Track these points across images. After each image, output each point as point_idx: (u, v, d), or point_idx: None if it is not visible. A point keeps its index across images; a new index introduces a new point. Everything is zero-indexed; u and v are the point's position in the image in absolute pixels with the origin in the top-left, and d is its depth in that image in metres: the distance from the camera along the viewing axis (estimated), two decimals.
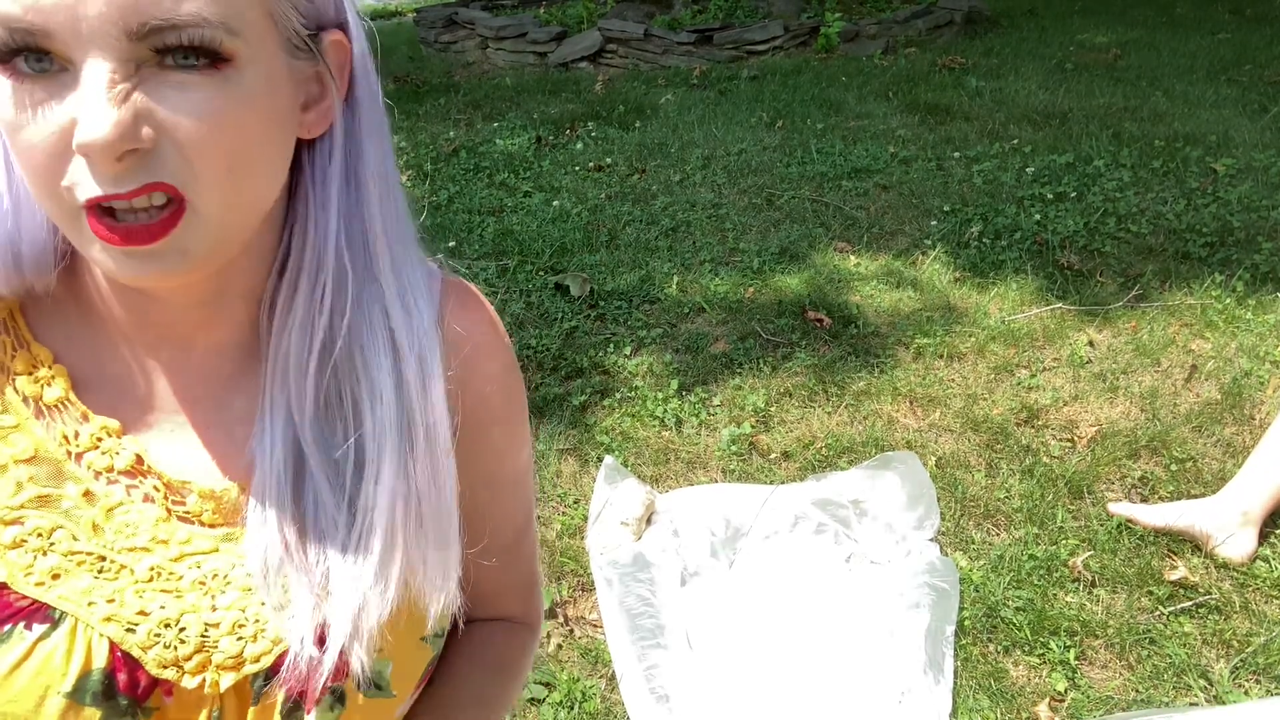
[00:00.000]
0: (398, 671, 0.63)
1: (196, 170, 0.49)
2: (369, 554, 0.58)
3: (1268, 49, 6.07)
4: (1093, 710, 1.84)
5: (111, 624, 0.56)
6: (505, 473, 0.73)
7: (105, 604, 0.57)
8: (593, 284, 3.45)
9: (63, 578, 0.56)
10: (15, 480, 0.56)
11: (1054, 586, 2.11)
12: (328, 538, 0.58)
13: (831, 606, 2.04)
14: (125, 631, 0.57)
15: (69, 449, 0.58)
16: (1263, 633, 1.95)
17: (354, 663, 0.58)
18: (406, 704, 0.66)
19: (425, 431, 0.60)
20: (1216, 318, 3.03)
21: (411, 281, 0.61)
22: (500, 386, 0.70)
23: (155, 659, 0.57)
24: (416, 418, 0.60)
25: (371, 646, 0.58)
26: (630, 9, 7.34)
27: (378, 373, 0.59)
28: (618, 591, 2.05)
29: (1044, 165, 4.31)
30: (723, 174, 4.49)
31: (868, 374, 2.89)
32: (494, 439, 0.70)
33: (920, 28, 6.90)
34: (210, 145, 0.48)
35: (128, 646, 0.56)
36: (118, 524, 0.58)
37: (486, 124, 5.55)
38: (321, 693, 0.59)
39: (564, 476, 2.52)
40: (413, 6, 11.43)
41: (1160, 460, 2.47)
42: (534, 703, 1.89)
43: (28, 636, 0.54)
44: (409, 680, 0.65)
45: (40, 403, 0.58)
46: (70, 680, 0.54)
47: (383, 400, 0.59)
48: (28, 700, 0.54)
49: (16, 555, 0.56)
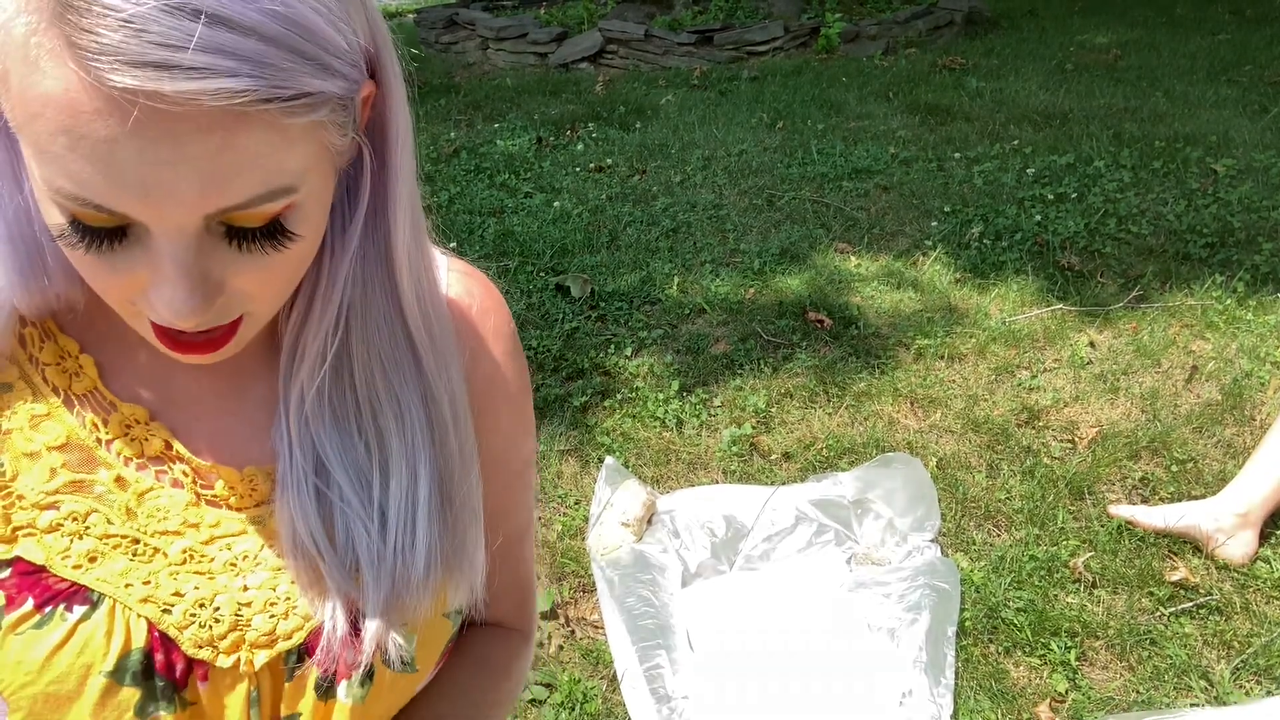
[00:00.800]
0: (422, 646, 0.65)
1: (258, 300, 0.52)
2: (396, 538, 0.60)
3: (1268, 49, 6.07)
4: (1093, 711, 1.84)
5: (148, 605, 0.58)
6: (512, 458, 0.74)
7: (141, 586, 0.58)
8: (593, 285, 3.45)
9: (99, 561, 0.57)
10: (49, 466, 0.58)
11: (1055, 587, 2.11)
12: (353, 524, 0.60)
13: (832, 608, 2.05)
14: (162, 612, 0.58)
15: (99, 436, 0.59)
16: (1263, 633, 1.96)
17: (390, 646, 0.60)
18: (428, 678, 0.68)
19: (451, 414, 0.63)
20: (1217, 318, 3.03)
21: (427, 275, 0.62)
22: (508, 370, 0.71)
23: (191, 639, 0.58)
24: (443, 404, 0.62)
25: (403, 627, 0.61)
26: (631, 10, 7.34)
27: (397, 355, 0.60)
28: (619, 592, 2.05)
29: (1044, 166, 4.31)
30: (723, 175, 4.49)
31: (868, 375, 2.89)
32: (502, 421, 0.72)
33: (920, 28, 6.90)
34: (272, 284, 0.52)
35: (164, 627, 0.58)
36: (149, 508, 0.60)
37: (487, 125, 5.55)
38: (353, 668, 0.61)
39: (565, 477, 2.52)
40: (413, 7, 11.44)
41: (1161, 461, 2.47)
42: (535, 704, 1.89)
43: (69, 618, 0.55)
44: (432, 654, 0.67)
45: (69, 391, 0.59)
46: (112, 660, 0.56)
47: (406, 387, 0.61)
48: (71, 680, 0.55)
49: (53, 539, 0.57)
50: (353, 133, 0.51)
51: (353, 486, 0.61)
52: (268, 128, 0.45)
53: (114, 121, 0.42)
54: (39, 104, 0.43)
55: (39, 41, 0.42)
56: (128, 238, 0.48)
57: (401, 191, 0.56)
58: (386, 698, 0.64)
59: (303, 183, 0.49)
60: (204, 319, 0.50)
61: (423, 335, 0.61)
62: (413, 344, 0.61)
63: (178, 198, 0.45)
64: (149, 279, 0.49)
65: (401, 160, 0.56)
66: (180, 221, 0.46)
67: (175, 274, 0.48)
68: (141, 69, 0.41)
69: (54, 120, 0.43)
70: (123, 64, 0.41)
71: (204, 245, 0.48)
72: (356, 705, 0.62)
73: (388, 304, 0.59)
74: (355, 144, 0.53)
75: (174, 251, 0.47)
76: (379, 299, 0.59)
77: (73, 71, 0.42)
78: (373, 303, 0.59)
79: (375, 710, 0.64)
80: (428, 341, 0.61)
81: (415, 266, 0.59)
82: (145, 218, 0.46)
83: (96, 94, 0.42)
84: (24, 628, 0.55)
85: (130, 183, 0.44)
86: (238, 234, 0.48)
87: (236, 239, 0.49)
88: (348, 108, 0.49)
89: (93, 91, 0.42)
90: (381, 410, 0.61)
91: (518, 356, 0.73)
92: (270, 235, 0.49)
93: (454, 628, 0.68)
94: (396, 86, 0.54)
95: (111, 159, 0.43)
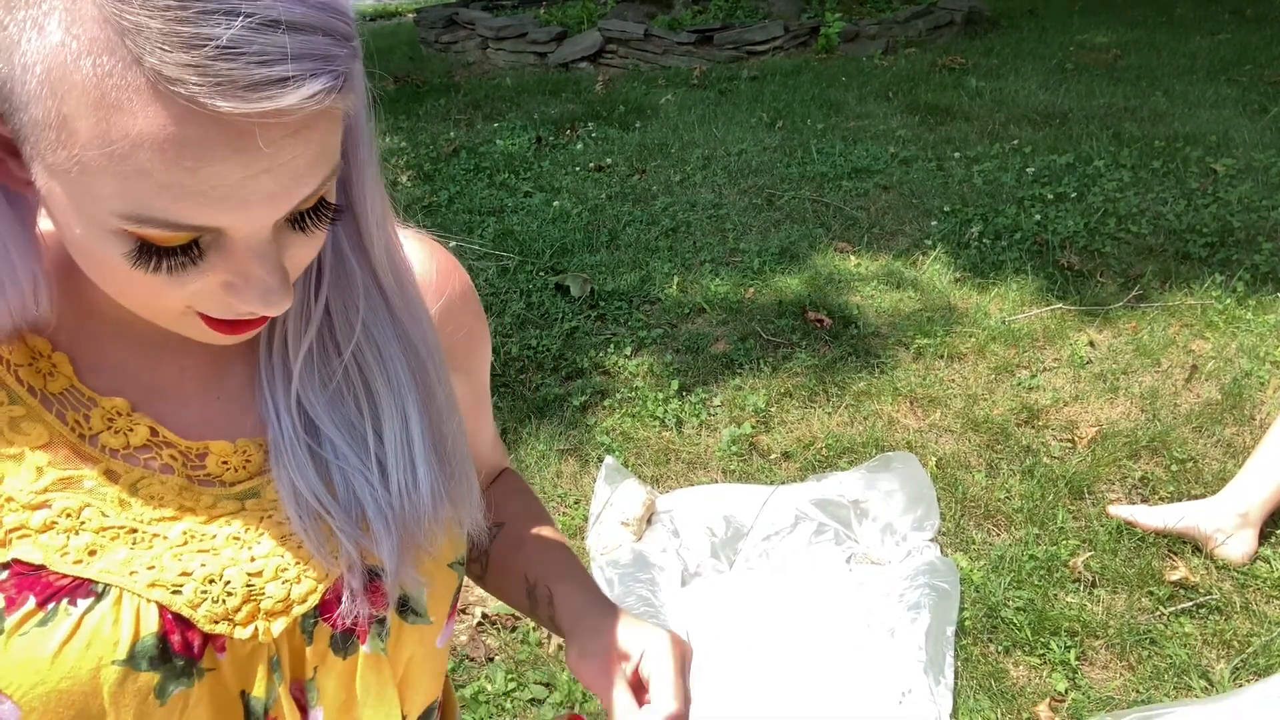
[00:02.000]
0: (432, 596, 0.66)
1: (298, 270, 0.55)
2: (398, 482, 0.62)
3: (1268, 49, 6.07)
4: (1093, 710, 1.84)
5: (157, 589, 0.57)
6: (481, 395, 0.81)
7: (147, 571, 0.58)
8: (593, 284, 3.45)
9: (99, 553, 0.57)
10: (34, 466, 0.57)
11: (1054, 587, 2.11)
12: (352, 477, 0.62)
13: (832, 607, 2.05)
14: (171, 594, 0.58)
15: (82, 432, 0.59)
16: (1263, 633, 1.96)
17: (411, 585, 0.63)
18: (443, 633, 0.69)
19: (429, 357, 0.65)
20: (1217, 318, 3.03)
21: (391, 229, 0.63)
22: (472, 323, 0.75)
23: (205, 615, 0.58)
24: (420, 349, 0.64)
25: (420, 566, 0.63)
26: (630, 9, 7.34)
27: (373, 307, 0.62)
28: (618, 592, 2.05)
29: (1044, 165, 4.31)
30: (723, 174, 4.49)
31: (868, 374, 2.89)
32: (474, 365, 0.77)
33: (920, 28, 6.90)
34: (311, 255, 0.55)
35: (177, 608, 0.58)
36: (143, 496, 0.59)
37: (487, 124, 5.55)
38: (369, 622, 0.62)
39: (564, 477, 2.52)
40: (413, 6, 11.43)
41: (1160, 460, 2.47)
42: (535, 703, 1.89)
43: (73, 612, 0.55)
44: (443, 605, 0.68)
45: (45, 391, 0.59)
46: (123, 649, 0.55)
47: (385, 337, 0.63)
48: (81, 674, 0.54)
49: (49, 537, 0.56)
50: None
51: (346, 441, 0.62)
52: (330, 116, 0.48)
53: (220, 146, 0.44)
54: (127, 144, 0.43)
55: (119, 84, 0.42)
56: (200, 248, 0.49)
57: (366, 145, 0.58)
58: (404, 650, 0.65)
59: (339, 156, 0.51)
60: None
61: (393, 286, 0.63)
62: (385, 296, 0.63)
63: (269, 201, 0.47)
64: (228, 281, 0.51)
65: (366, 114, 0.58)
66: (266, 222, 0.48)
67: (265, 271, 0.50)
68: (248, 91, 0.42)
69: (148, 158, 0.43)
70: (230, 89, 0.42)
71: (278, 236, 0.51)
72: (381, 657, 0.63)
73: (359, 259, 0.61)
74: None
75: (260, 249, 0.50)
76: (350, 255, 0.61)
77: (172, 106, 0.42)
78: (345, 258, 0.61)
79: (398, 662, 0.65)
80: (398, 290, 0.63)
81: (381, 221, 0.61)
82: (234, 226, 0.48)
83: (202, 122, 0.43)
84: (27, 627, 0.54)
85: (228, 196, 0.46)
86: (299, 219, 0.51)
87: (298, 223, 0.52)
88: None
89: (199, 121, 0.43)
90: (366, 363, 0.62)
91: (478, 307, 0.76)
92: (319, 213, 0.52)
93: (459, 579, 0.70)
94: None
95: (217, 180, 0.45)
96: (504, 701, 1.89)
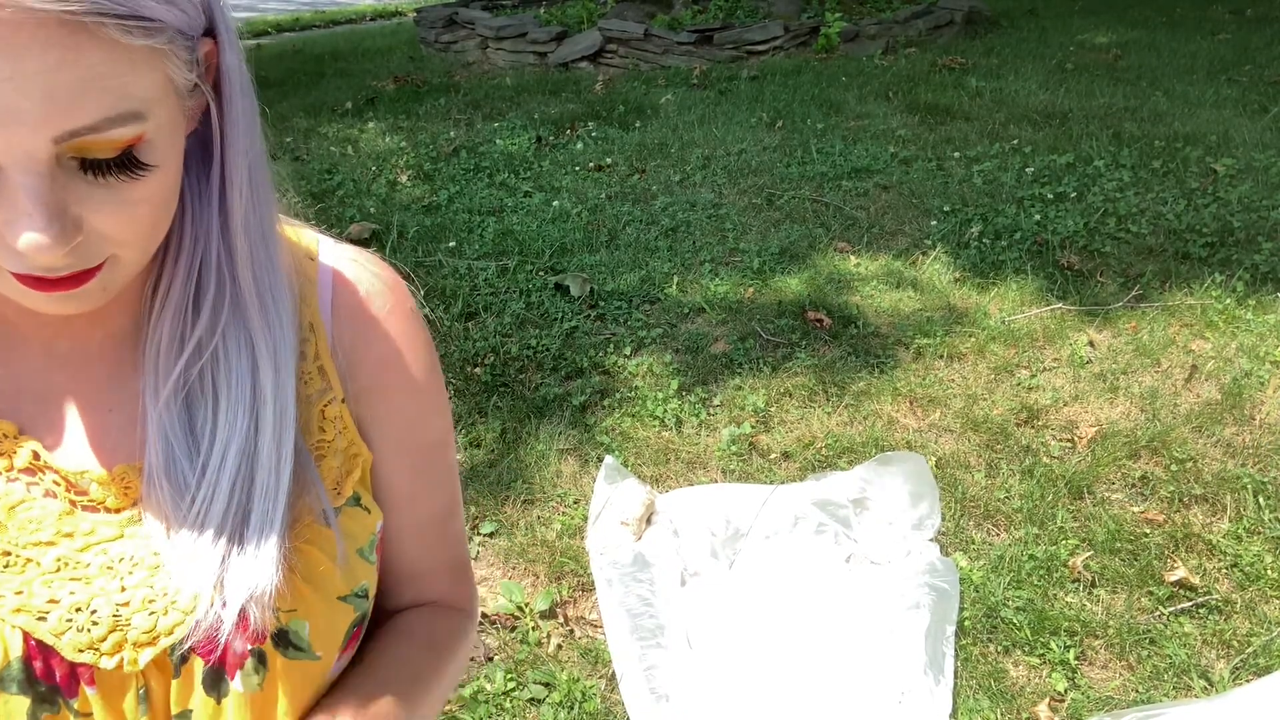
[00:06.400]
0: (316, 631, 0.63)
1: (120, 242, 0.52)
2: (226, 521, 0.59)
3: (1268, 49, 6.07)
4: (1093, 710, 1.84)
5: (21, 614, 0.57)
6: (419, 440, 0.73)
7: (14, 596, 0.57)
8: (593, 284, 3.45)
9: None
10: None
11: (1054, 587, 2.11)
12: (203, 508, 0.59)
13: (831, 606, 2.04)
14: (36, 620, 0.57)
15: None
16: (1263, 633, 1.95)
17: (252, 619, 0.59)
18: (335, 667, 0.67)
19: (273, 413, 0.61)
20: (1216, 318, 3.03)
21: (271, 272, 0.61)
22: (406, 351, 0.71)
23: (70, 644, 0.58)
24: (267, 401, 0.61)
25: (268, 603, 0.59)
26: (630, 9, 7.34)
27: (236, 360, 0.60)
28: (618, 591, 2.05)
29: (1044, 165, 4.31)
30: (723, 174, 4.49)
31: (868, 374, 2.89)
32: (401, 403, 0.71)
33: (920, 28, 6.90)
34: (133, 225, 0.52)
35: (40, 635, 0.57)
36: (20, 520, 0.58)
37: (486, 124, 5.55)
38: (242, 657, 0.60)
39: (564, 476, 2.52)
40: (413, 6, 11.43)
41: (1160, 460, 2.47)
42: (534, 703, 1.89)
43: None
44: (331, 640, 0.65)
45: None
46: None
47: (237, 385, 0.60)
48: None
49: None
50: (198, 78, 0.52)
51: (191, 463, 0.60)
52: (109, 46, 0.45)
53: None
54: None
55: None
56: None
57: (239, 150, 0.56)
58: (286, 686, 0.62)
59: (150, 114, 0.49)
60: (67, 260, 0.49)
61: (253, 298, 0.60)
62: (241, 304, 0.60)
63: (20, 118, 0.44)
64: (5, 220, 0.48)
65: (238, 117, 0.56)
66: (29, 147, 0.45)
67: (32, 206, 0.47)
68: None
69: None
70: None
71: (58, 177, 0.48)
72: (254, 694, 0.61)
73: (225, 261, 0.59)
74: (204, 100, 0.54)
75: (27, 183, 0.47)
76: (215, 257, 0.59)
77: None
78: (211, 260, 0.59)
79: (276, 701, 0.62)
80: (258, 305, 0.61)
81: (251, 227, 0.59)
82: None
83: None
84: None
85: None
86: (91, 166, 0.48)
87: (90, 170, 0.48)
88: (191, 47, 0.50)
89: None
90: (218, 374, 0.60)
91: (417, 337, 0.72)
92: (123, 166, 0.49)
93: (356, 612, 0.67)
94: (232, 47, 0.55)
95: None
96: (503, 701, 1.89)
